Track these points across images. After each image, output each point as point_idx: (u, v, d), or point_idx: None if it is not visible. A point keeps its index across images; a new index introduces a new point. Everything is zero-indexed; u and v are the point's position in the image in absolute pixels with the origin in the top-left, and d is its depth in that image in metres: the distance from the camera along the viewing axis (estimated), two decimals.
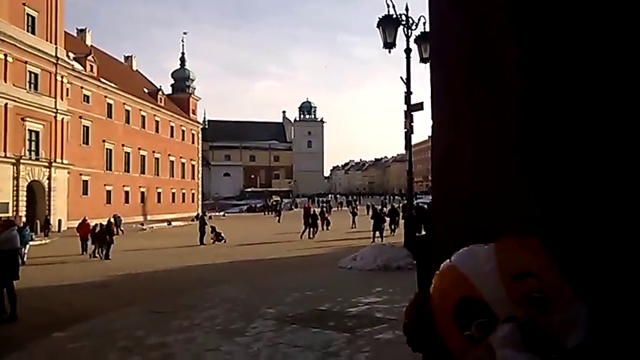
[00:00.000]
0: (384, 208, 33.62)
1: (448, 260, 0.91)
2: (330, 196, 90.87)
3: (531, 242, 0.89)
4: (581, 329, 0.81)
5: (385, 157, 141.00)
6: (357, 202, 60.15)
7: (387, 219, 25.86)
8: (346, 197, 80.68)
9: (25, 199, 35.40)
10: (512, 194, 1.10)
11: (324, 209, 37.72)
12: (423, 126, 45.41)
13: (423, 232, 13.83)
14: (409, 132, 15.09)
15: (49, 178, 38.03)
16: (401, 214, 25.61)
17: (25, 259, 18.17)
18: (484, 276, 0.84)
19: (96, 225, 21.47)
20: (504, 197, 1.12)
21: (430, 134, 1.50)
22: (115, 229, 23.55)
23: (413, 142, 15.71)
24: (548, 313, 0.80)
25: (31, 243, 20.43)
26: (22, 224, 20.88)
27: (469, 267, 0.87)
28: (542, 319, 0.79)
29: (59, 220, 37.68)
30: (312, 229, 26.82)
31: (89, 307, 9.56)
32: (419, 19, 14.76)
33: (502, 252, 0.87)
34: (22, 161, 35.12)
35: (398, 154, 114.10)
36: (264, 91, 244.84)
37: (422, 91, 10.19)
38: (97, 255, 20.06)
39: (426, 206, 24.72)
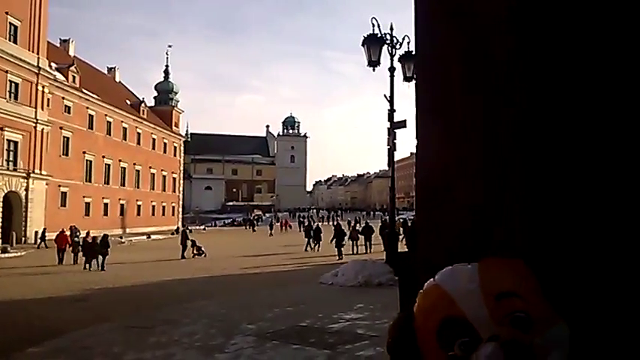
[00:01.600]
0: (358, 225, 32.33)
1: (432, 279, 0.92)
2: (312, 210, 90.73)
3: (515, 262, 0.90)
4: (563, 350, 0.82)
5: (367, 172, 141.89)
6: (340, 218, 60.22)
7: (361, 236, 25.50)
8: (328, 212, 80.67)
9: (0, 210, 34.70)
10: (500, 214, 1.10)
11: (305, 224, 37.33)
12: (406, 142, 45.71)
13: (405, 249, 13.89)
14: (392, 149, 15.21)
15: (26, 189, 37.40)
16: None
17: None
18: (467, 295, 0.84)
19: (86, 237, 22.03)
20: (492, 218, 1.12)
21: (414, 151, 1.50)
22: (71, 241, 24.04)
23: (395, 159, 15.83)
24: (531, 333, 0.80)
25: None
26: None
27: (452, 286, 0.87)
28: (525, 338, 0.79)
29: (35, 232, 36.94)
30: (315, 242, 27.32)
31: (65, 322, 9.36)
32: (403, 39, 14.99)
33: (485, 271, 0.87)
34: None
35: (380, 170, 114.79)
36: (247, 105, 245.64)
37: (405, 109, 10.31)
38: (89, 267, 20.08)
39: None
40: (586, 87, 1.02)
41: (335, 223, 35.58)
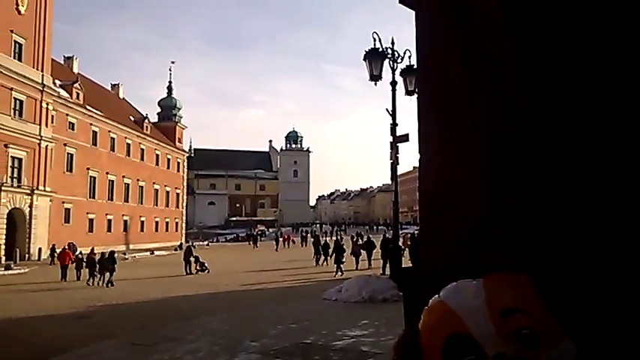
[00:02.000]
0: (360, 240, 31.45)
1: (437, 295, 0.91)
2: (316, 225, 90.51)
3: (520, 278, 0.89)
4: None
5: (371, 186, 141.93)
6: (344, 232, 60.04)
7: (363, 252, 25.13)
8: (332, 227, 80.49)
9: (4, 226, 34.75)
10: (504, 227, 1.10)
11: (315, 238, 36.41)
12: (409, 156, 45.66)
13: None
14: (395, 163, 15.22)
15: (30, 206, 37.47)
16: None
17: None
18: (473, 312, 0.84)
19: (90, 253, 22.61)
20: (496, 230, 1.12)
21: (416, 165, 1.50)
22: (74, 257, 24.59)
23: (398, 173, 15.83)
24: (537, 350, 0.79)
25: None
26: None
27: (458, 303, 0.86)
28: (531, 356, 0.78)
29: (39, 249, 36.97)
30: (323, 257, 26.97)
31: (68, 339, 9.31)
32: (404, 53, 15.08)
33: (490, 287, 0.86)
34: (3, 188, 34.64)
35: (383, 184, 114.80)
36: (250, 120, 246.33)
37: (407, 123, 10.32)
38: (92, 283, 20.48)
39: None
40: (585, 87, 1.02)
41: (337, 237, 35.18)
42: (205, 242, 61.28)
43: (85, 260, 22.79)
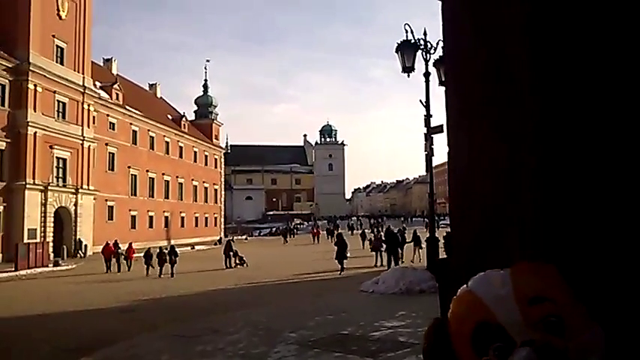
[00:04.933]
0: (380, 233, 28.38)
1: (465, 285, 0.93)
2: (352, 218, 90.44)
3: (546, 267, 0.90)
4: (598, 354, 0.81)
5: (407, 178, 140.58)
6: (381, 224, 59.61)
7: (384, 246, 21.74)
8: (369, 219, 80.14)
9: (52, 225, 36.10)
10: (531, 217, 1.11)
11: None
12: (444, 147, 44.93)
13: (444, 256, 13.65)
14: (429, 154, 15.04)
15: (75, 204, 38.78)
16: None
17: None
18: (500, 300, 0.85)
19: (148, 249, 24.82)
20: (522, 220, 1.12)
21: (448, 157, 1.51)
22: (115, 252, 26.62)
23: (434, 164, 15.63)
24: (565, 337, 0.80)
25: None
26: None
27: (485, 291, 0.88)
28: (559, 343, 0.79)
29: (85, 246, 38.26)
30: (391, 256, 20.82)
31: (114, 332, 9.64)
32: (437, 43, 14.79)
33: (517, 276, 0.88)
34: (49, 188, 35.93)
35: (420, 176, 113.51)
36: (283, 115, 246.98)
37: (442, 114, 10.16)
38: (155, 273, 22.47)
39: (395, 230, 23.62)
40: (601, 83, 1.03)
41: (339, 231, 33.41)
42: (244, 236, 62.08)
43: (124, 254, 25.68)
